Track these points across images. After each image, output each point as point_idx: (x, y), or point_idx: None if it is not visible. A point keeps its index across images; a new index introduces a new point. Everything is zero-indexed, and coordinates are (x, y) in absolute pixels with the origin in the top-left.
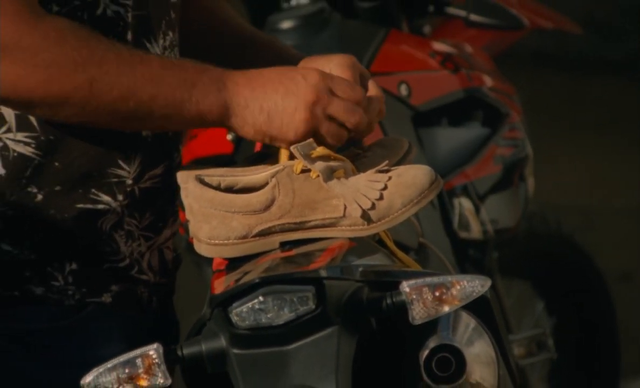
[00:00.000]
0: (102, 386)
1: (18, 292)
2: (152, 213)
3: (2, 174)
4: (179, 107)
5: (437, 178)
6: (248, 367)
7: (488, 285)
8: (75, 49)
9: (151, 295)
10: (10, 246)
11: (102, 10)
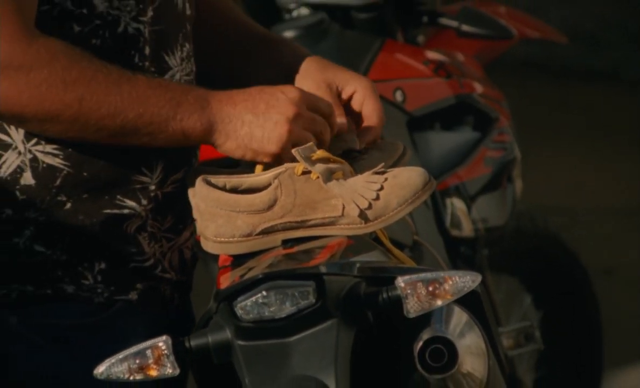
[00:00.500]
0: (114, 375)
1: (50, 290)
2: (172, 216)
3: (33, 184)
4: (164, 124)
5: (431, 179)
6: (252, 357)
7: (478, 280)
8: (66, 69)
9: (173, 292)
10: (43, 247)
11: (123, 28)
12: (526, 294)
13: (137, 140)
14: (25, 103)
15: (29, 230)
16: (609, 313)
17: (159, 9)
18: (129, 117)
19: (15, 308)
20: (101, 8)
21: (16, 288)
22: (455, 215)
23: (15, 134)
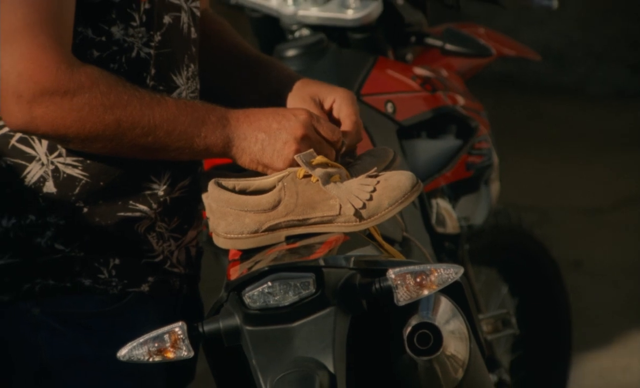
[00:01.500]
0: (135, 358)
1: (70, 283)
2: (179, 218)
3: (54, 192)
4: (190, 141)
5: (418, 182)
6: (258, 341)
7: (461, 272)
8: (105, 94)
9: (182, 284)
10: (63, 246)
11: (136, 53)
12: (503, 284)
13: (166, 155)
14: (69, 125)
15: (50, 231)
16: (577, 302)
17: (165, 34)
18: (160, 135)
19: (38, 300)
20: (118, 36)
21: (39, 282)
22: (440, 214)
23: (39, 147)
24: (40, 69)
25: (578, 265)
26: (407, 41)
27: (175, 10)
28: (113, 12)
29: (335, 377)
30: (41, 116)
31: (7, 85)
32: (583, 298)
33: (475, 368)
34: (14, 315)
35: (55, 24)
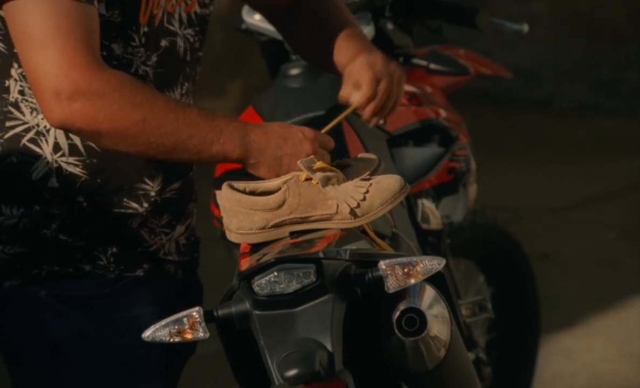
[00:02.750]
0: (158, 338)
1: (72, 269)
2: (168, 216)
3: (57, 186)
4: (209, 145)
5: (406, 184)
6: (266, 324)
7: (443, 263)
8: (132, 93)
9: (176, 269)
10: (66, 236)
11: (135, 69)
12: (480, 274)
13: (187, 158)
14: (101, 120)
15: (55, 224)
16: (544, 289)
17: (162, 55)
18: (182, 137)
19: (45, 284)
20: (118, 52)
21: (45, 268)
22: (424, 213)
23: (45, 147)
24: (75, 69)
25: (545, 258)
26: (396, 61)
27: (171, 36)
28: (114, 31)
29: (333, 356)
30: (78, 112)
31: (46, 84)
32: (550, 287)
33: (455, 347)
34: (24, 297)
35: (83, 30)
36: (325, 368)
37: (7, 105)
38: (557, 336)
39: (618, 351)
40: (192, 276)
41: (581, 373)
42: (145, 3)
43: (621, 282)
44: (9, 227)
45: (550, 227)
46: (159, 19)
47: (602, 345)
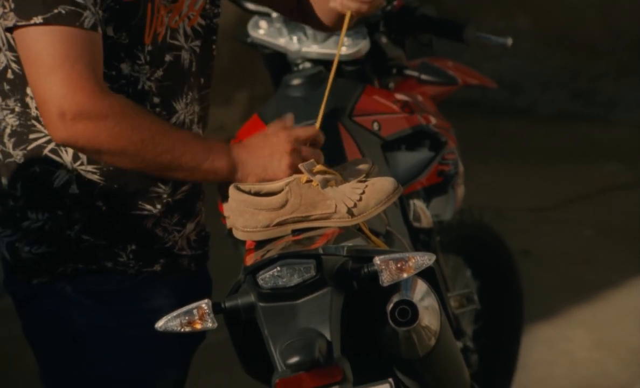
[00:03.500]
0: (170, 328)
1: (95, 266)
2: (179, 215)
3: (78, 192)
4: (200, 163)
5: (398, 186)
6: (269, 315)
7: (433, 259)
8: (132, 117)
9: (190, 263)
10: (88, 236)
11: (141, 85)
12: (467, 269)
13: (181, 175)
14: (103, 141)
15: (78, 225)
16: (526, 283)
17: (166, 70)
18: (175, 155)
19: (70, 280)
20: (126, 71)
21: (70, 266)
22: (416, 212)
23: (65, 156)
24: (80, 92)
25: (527, 254)
26: (389, 72)
27: (175, 50)
28: (122, 51)
29: (332, 344)
30: (81, 132)
31: (53, 105)
32: (531, 281)
33: (445, 336)
34: (51, 293)
35: (89, 58)
36: (324, 355)
37: (30, 119)
38: (538, 326)
39: (595, 340)
40: (203, 269)
41: (560, 360)
42: (150, 24)
43: (597, 276)
44: (35, 229)
45: (531, 225)
46: (162, 36)
47: (580, 335)
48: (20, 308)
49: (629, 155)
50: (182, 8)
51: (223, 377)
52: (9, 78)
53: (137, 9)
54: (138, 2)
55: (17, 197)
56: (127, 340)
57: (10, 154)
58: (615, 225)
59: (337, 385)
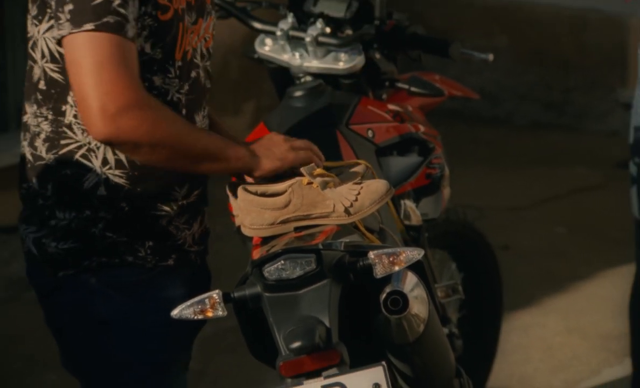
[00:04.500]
0: (184, 316)
1: (117, 260)
2: (188, 215)
3: (105, 194)
4: (224, 151)
5: (391, 187)
6: (274, 304)
7: (422, 253)
8: (166, 112)
9: (196, 257)
10: (112, 233)
11: (171, 97)
12: (452, 262)
13: (209, 164)
14: (142, 133)
15: (102, 223)
16: (505, 275)
17: (191, 85)
18: (204, 144)
19: (94, 273)
20: (157, 83)
21: (95, 260)
22: (406, 211)
23: (95, 161)
24: (122, 89)
25: (506, 248)
26: (382, 85)
27: (197, 68)
28: (155, 66)
29: (330, 331)
30: (122, 126)
31: (95, 102)
32: (510, 273)
33: (432, 323)
34: (77, 284)
35: (128, 60)
36: (323, 340)
37: (62, 126)
38: (515, 314)
39: (567, 326)
40: (204, 262)
41: (536, 345)
42: (180, 42)
43: (569, 269)
44: (62, 227)
45: (509, 223)
46: (190, 54)
47: (553, 322)
48: (44, 299)
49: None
50: (200, 30)
51: (232, 360)
52: (42, 89)
53: (172, 26)
54: (172, 21)
55: (47, 196)
56: (146, 327)
57: (42, 157)
58: (585, 223)
59: (335, 368)
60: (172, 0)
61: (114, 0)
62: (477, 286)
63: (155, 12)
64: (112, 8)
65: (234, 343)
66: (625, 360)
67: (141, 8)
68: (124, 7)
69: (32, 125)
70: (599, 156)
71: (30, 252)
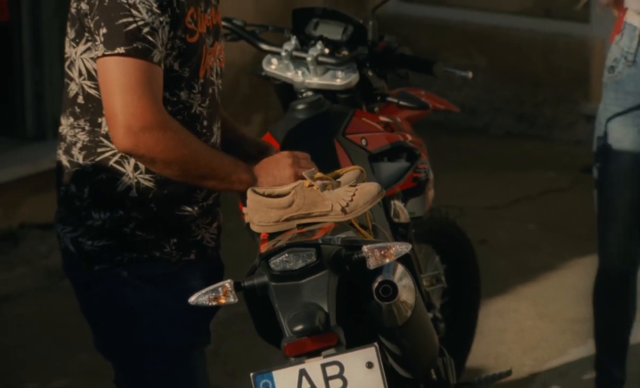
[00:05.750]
0: (200, 303)
1: (146, 255)
2: (207, 216)
3: (136, 196)
4: (229, 174)
5: (382, 189)
6: (279, 292)
7: (409, 247)
8: (182, 134)
9: (212, 252)
10: (141, 232)
11: (194, 110)
12: (435, 255)
13: (213, 183)
14: (159, 151)
15: (133, 223)
16: (483, 266)
17: (210, 100)
18: (212, 166)
19: (126, 267)
20: (184, 98)
21: (126, 255)
22: (396, 210)
23: (127, 167)
24: (146, 111)
25: (483, 243)
26: (374, 99)
27: (213, 85)
28: (182, 83)
29: (329, 315)
30: (142, 143)
31: (122, 120)
32: (487, 264)
33: (418, 309)
34: (110, 277)
35: (154, 85)
36: (323, 324)
37: (99, 136)
38: (492, 300)
39: (537, 312)
40: (218, 256)
41: (510, 328)
42: (203, 62)
43: (539, 261)
44: (97, 227)
45: (486, 221)
46: (209, 73)
47: (525, 307)
48: (80, 291)
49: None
50: (216, 51)
51: (243, 341)
52: (80, 102)
53: (197, 48)
54: (198, 43)
55: (83, 199)
56: (171, 314)
57: (79, 163)
58: (553, 221)
59: (333, 348)
60: (198, 25)
61: (143, 28)
62: (457, 276)
63: (184, 36)
64: (141, 35)
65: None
66: (588, 341)
67: (171, 32)
68: (152, 35)
69: (68, 135)
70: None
71: (68, 250)
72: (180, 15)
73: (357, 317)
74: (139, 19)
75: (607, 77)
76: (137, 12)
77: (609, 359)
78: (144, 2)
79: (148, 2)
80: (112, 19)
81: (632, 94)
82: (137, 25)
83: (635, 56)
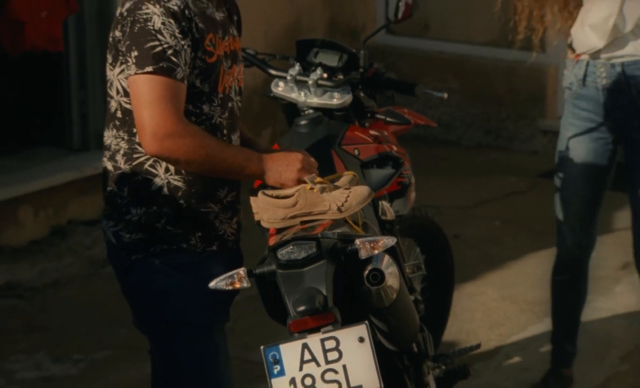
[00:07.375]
0: (219, 287)
1: (175, 247)
2: (228, 212)
3: (167, 194)
4: (244, 167)
5: (372, 192)
6: (285, 279)
7: (395, 240)
8: (202, 138)
9: (232, 244)
10: (171, 227)
11: (215, 120)
12: (416, 247)
13: (232, 175)
14: (181, 154)
15: (164, 219)
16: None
17: (229, 113)
18: (228, 163)
19: (158, 256)
20: (205, 110)
21: (158, 247)
22: (383, 209)
23: (159, 169)
24: (168, 121)
25: (457, 237)
26: (365, 116)
27: (232, 101)
28: (204, 97)
29: (327, 298)
30: (166, 148)
31: (149, 128)
32: (460, 256)
33: (402, 292)
34: (144, 265)
35: (176, 99)
36: (322, 305)
37: (135, 144)
38: (463, 285)
39: (502, 295)
40: (238, 248)
41: (479, 309)
42: (221, 80)
43: (503, 253)
44: (134, 222)
45: (459, 218)
46: (228, 90)
47: (492, 291)
48: (121, 276)
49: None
50: (234, 73)
51: (255, 320)
52: (119, 116)
53: (215, 68)
54: (216, 63)
55: (123, 196)
56: (195, 296)
57: (121, 168)
58: (515, 218)
59: (330, 325)
60: (216, 48)
61: (167, 50)
62: (435, 265)
63: (204, 57)
64: (167, 56)
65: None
66: (545, 320)
67: (192, 53)
68: (175, 56)
69: (112, 144)
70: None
71: (110, 242)
72: (200, 39)
73: (351, 299)
74: (164, 43)
75: (567, 94)
76: (162, 37)
77: (563, 335)
78: (167, 28)
79: (171, 27)
80: (142, 43)
81: (585, 110)
82: (163, 48)
83: (584, 80)
